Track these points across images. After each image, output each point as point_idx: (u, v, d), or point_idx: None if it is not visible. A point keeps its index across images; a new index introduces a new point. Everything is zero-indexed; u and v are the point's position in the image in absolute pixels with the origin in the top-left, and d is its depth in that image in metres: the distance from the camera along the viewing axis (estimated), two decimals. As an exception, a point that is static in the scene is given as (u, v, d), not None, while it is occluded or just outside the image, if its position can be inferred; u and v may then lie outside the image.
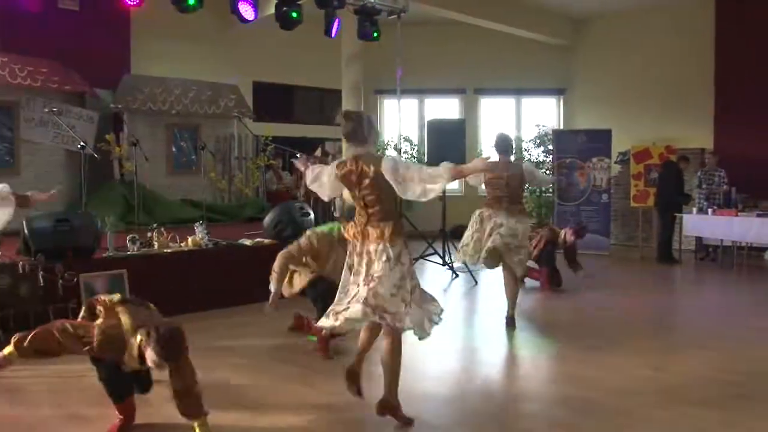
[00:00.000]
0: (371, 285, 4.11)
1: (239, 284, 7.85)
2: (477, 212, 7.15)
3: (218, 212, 11.18)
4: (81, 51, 10.72)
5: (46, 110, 9.41)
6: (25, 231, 6.67)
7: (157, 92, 11.52)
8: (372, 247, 4.22)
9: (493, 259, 6.95)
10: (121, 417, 4.16)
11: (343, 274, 4.43)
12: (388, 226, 4.19)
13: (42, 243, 6.61)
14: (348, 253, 4.40)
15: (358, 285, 4.22)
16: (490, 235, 6.92)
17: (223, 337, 6.50)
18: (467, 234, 7.16)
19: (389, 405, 4.32)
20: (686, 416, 4.43)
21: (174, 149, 11.91)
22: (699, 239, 12.64)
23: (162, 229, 7.96)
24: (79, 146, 8.32)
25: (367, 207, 4.25)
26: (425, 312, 4.34)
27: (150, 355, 3.63)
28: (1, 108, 10.04)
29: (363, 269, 4.25)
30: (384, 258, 4.16)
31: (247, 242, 8.45)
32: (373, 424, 4.34)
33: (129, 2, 9.04)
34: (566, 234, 9.57)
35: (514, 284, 7.07)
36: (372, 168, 4.16)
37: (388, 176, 4.09)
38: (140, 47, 12.51)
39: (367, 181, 4.18)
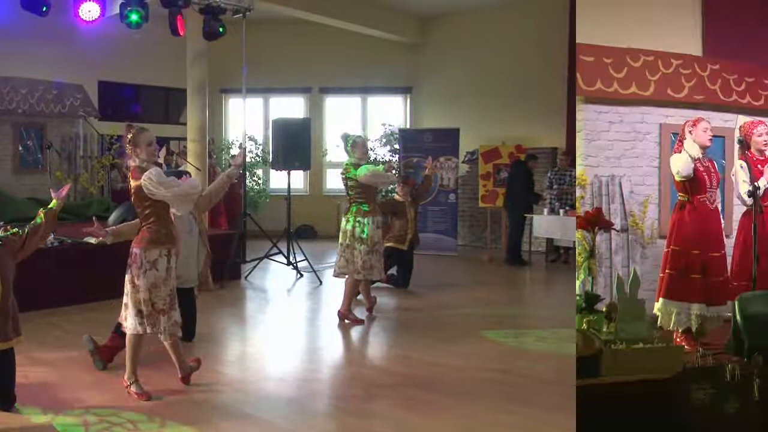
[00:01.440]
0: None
1: (84, 282, 8.02)
2: None
3: (64, 211, 11.10)
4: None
5: None
6: None
7: (4, 92, 11.59)
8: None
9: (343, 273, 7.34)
10: None
11: None
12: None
13: None
14: None
15: None
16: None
17: (69, 333, 6.58)
18: None
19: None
20: (530, 418, 4.51)
21: (20, 148, 11.90)
22: (550, 241, 12.36)
23: (8, 226, 7.99)
24: None
25: None
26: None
27: None
28: None
29: None
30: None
31: (92, 241, 8.51)
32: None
33: None
34: (399, 193, 9.47)
35: (349, 282, 7.35)
36: (132, 181, 4.79)
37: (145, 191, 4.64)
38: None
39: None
